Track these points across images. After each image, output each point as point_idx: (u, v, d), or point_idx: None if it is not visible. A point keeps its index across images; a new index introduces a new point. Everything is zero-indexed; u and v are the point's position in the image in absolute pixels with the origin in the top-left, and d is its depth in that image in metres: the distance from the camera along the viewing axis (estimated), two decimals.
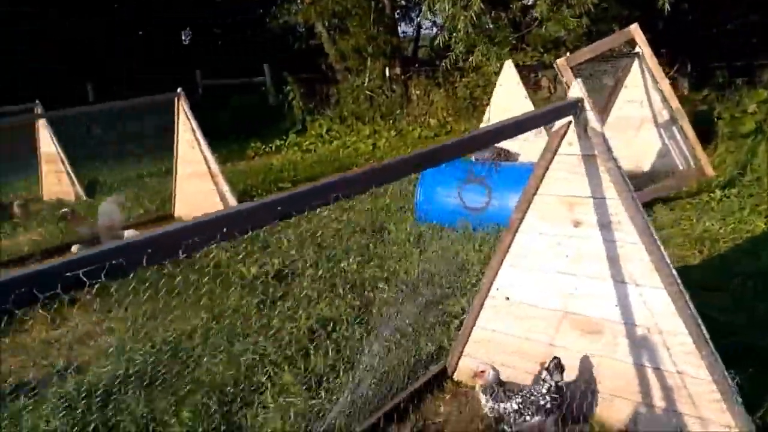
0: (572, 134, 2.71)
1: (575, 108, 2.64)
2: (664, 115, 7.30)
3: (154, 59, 19.49)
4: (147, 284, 4.53)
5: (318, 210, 6.66)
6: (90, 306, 4.70)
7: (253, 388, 3.41)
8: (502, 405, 2.78)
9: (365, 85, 14.81)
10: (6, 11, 16.00)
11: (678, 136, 7.25)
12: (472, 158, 6.15)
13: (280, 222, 1.58)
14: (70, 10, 17.41)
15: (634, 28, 6.65)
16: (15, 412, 3.37)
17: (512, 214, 3.02)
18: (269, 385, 3.40)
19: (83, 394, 3.43)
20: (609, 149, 2.64)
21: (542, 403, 2.74)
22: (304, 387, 3.31)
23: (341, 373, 3.33)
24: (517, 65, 12.47)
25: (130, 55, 19.16)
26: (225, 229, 1.43)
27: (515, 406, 2.76)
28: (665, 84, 6.83)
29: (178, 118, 7.22)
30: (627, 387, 2.81)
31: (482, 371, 2.85)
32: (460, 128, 11.72)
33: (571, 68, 6.35)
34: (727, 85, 10.17)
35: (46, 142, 9.24)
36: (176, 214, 7.71)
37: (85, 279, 1.15)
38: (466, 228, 5.48)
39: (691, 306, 2.56)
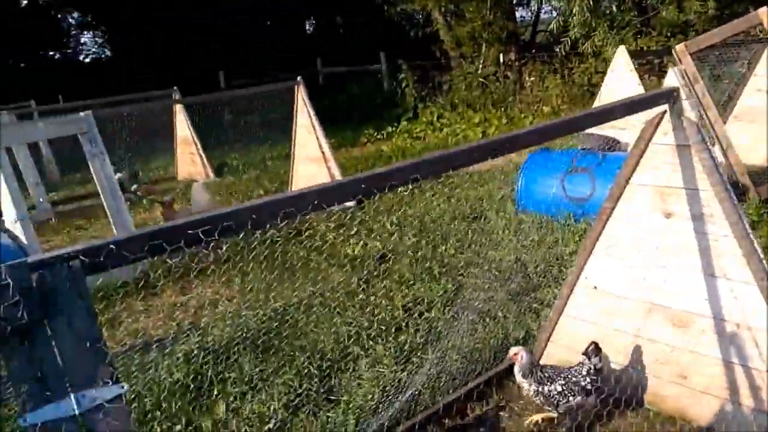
0: (667, 123, 2.68)
1: (670, 97, 2.62)
2: None
3: (280, 47, 20.59)
4: (263, 258, 4.98)
5: (423, 196, 6.89)
6: (213, 276, 5.24)
7: (349, 357, 3.71)
8: (546, 387, 2.86)
9: (478, 72, 14.75)
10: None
11: None
12: (578, 147, 6.05)
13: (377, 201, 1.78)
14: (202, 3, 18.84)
15: (763, 11, 6.15)
16: (144, 364, 3.90)
17: (604, 202, 3.04)
18: (363, 355, 3.68)
19: (203, 353, 3.90)
20: (704, 140, 2.59)
21: (583, 383, 2.84)
22: (394, 360, 3.55)
23: (429, 350, 3.52)
24: (641, 50, 11.93)
25: (257, 44, 20.40)
26: (316, 201, 1.65)
27: (559, 388, 2.85)
28: None
29: (296, 105, 7.70)
30: (714, 383, 2.76)
31: (515, 354, 2.92)
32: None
33: (691, 54, 6.04)
34: None
35: (182, 126, 10.19)
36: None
37: (202, 236, 1.42)
38: (567, 218, 5.44)
39: None
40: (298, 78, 7.71)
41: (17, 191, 5.39)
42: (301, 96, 7.62)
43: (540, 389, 2.87)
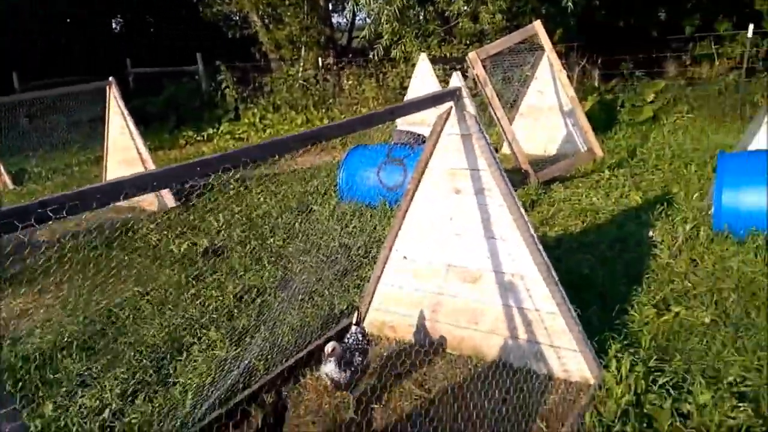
0: (453, 117, 3.22)
1: (454, 95, 3.16)
2: (567, 104, 8.03)
3: (84, 47, 19.08)
4: (80, 265, 4.82)
5: (250, 194, 7.01)
6: (22, 287, 4.94)
7: (182, 346, 3.81)
8: (356, 361, 3.03)
9: (299, 74, 15.12)
10: None
11: (584, 125, 7.98)
12: (392, 142, 6.65)
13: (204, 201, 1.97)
14: None
15: (537, 24, 7.29)
16: None
17: (408, 184, 3.53)
18: (197, 342, 3.81)
19: (19, 362, 3.74)
20: (481, 130, 3.17)
21: (365, 345, 3.14)
22: (228, 343, 3.73)
23: (262, 328, 3.77)
24: (444, 57, 13.14)
25: (58, 44, 18.71)
26: (155, 184, 1.82)
27: (359, 357, 3.05)
28: (563, 76, 7.52)
29: (109, 106, 7.39)
30: (498, 325, 3.38)
31: (333, 348, 2.98)
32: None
33: (482, 60, 6.94)
34: (630, 76, 11.10)
35: None
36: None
37: (51, 214, 1.54)
38: (383, 205, 5.99)
39: (545, 256, 3.14)
40: (110, 78, 7.41)
41: None
42: (114, 96, 7.34)
43: (353, 369, 3.01)
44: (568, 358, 3.21)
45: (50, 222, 1.57)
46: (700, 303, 3.79)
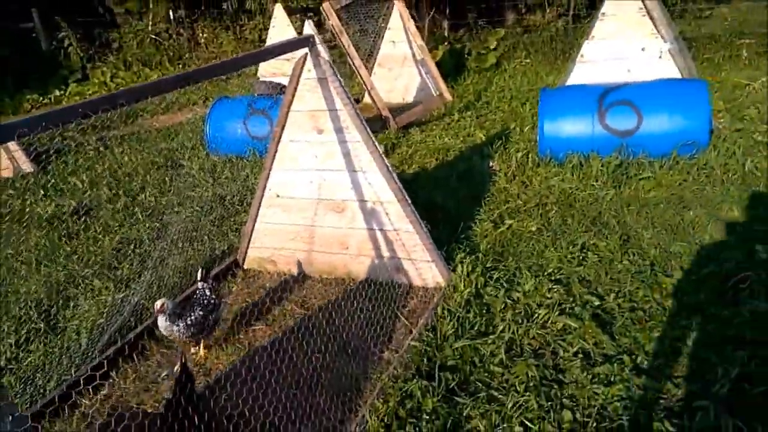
0: (309, 63, 3.58)
1: (308, 42, 3.51)
2: (419, 53, 8.62)
3: None
4: None
5: (112, 153, 6.93)
6: None
7: (67, 298, 3.94)
8: (192, 317, 3.13)
9: (149, 28, 14.45)
10: None
11: (434, 71, 8.62)
12: (255, 94, 6.86)
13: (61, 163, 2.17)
14: None
15: None
16: None
17: (275, 127, 3.87)
18: (81, 292, 3.96)
19: None
20: (335, 73, 3.57)
21: (213, 300, 3.25)
22: (114, 289, 3.92)
23: (146, 274, 3.99)
24: (301, 7, 13.22)
25: None
26: (44, 123, 2.01)
27: (201, 312, 3.16)
28: (411, 25, 8.07)
29: None
30: (364, 247, 3.89)
31: (162, 304, 3.06)
32: (252, 71, 12.23)
33: (336, 11, 7.28)
34: (475, 25, 11.97)
35: None
36: None
37: None
38: (254, 154, 6.25)
39: (399, 183, 3.67)
40: None
41: None
42: None
43: (189, 322, 3.11)
44: (423, 268, 3.80)
45: None
46: (528, 216, 4.57)
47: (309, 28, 4.40)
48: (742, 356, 2.81)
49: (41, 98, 12.17)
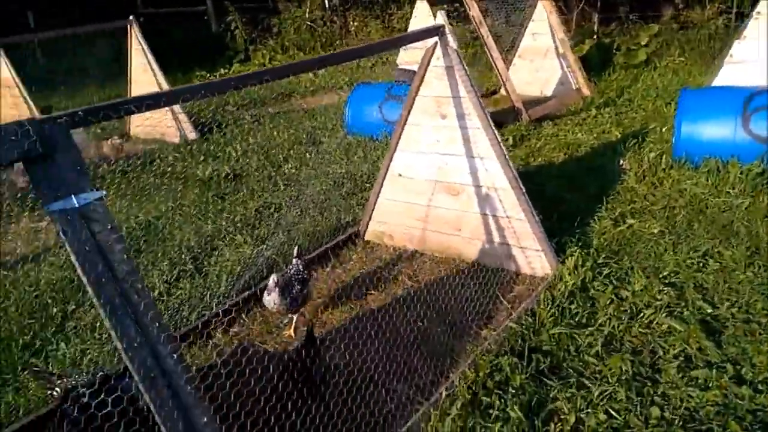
0: (438, 51, 3.79)
1: (438, 31, 3.72)
2: (560, 46, 8.47)
3: None
4: (116, 185, 5.50)
5: (263, 128, 7.62)
6: None
7: (214, 248, 4.53)
8: (294, 290, 3.36)
9: (306, 15, 15.42)
10: None
11: (573, 65, 8.44)
12: (394, 81, 7.20)
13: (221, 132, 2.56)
14: None
15: None
16: (16, 279, 4.37)
17: (402, 111, 4.14)
18: (225, 245, 4.52)
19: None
20: (461, 62, 3.74)
21: (305, 276, 3.47)
22: (253, 244, 4.44)
23: (280, 233, 4.46)
24: None
25: None
26: (203, 91, 2.41)
27: (298, 285, 3.38)
28: (553, 17, 7.95)
29: (130, 44, 7.92)
30: (477, 231, 4.05)
31: (275, 280, 3.29)
32: (393, 59, 12.66)
33: (478, 2, 7.39)
34: (626, 20, 11.41)
35: (2, 68, 9.68)
36: (132, 133, 8.53)
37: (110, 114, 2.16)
38: (386, 137, 6.59)
39: (514, 171, 3.78)
40: (130, 17, 7.91)
41: None
42: (135, 35, 7.86)
43: (292, 296, 3.33)
44: (532, 257, 3.89)
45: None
46: (652, 217, 4.44)
47: (441, 18, 4.42)
48: None
49: (208, 75, 13.49)
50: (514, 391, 2.77)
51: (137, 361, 1.91)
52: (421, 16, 8.93)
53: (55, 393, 2.48)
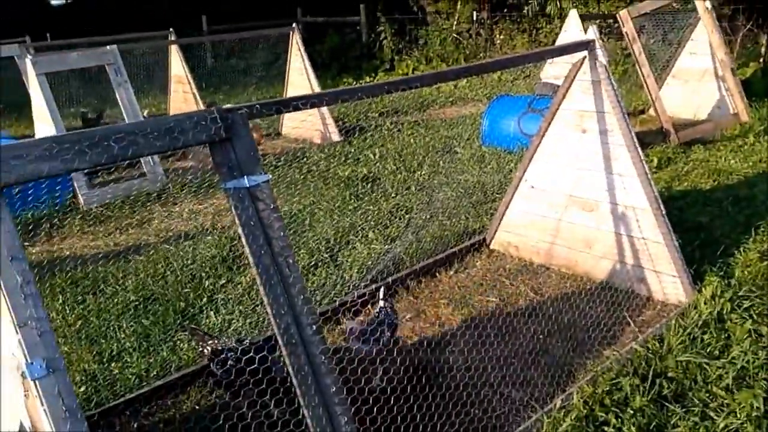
0: (586, 65, 3.78)
1: (588, 45, 3.72)
2: (720, 67, 7.93)
3: None
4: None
5: (401, 135, 7.92)
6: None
7: (348, 242, 4.84)
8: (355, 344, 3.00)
9: (453, 28, 15.68)
10: None
11: (732, 87, 7.86)
12: (534, 93, 7.18)
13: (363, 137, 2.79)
14: None
15: None
16: (177, 253, 4.94)
17: (542, 123, 4.17)
18: (359, 240, 4.82)
19: (227, 241, 4.99)
20: (609, 77, 3.71)
21: (389, 322, 3.10)
22: (384, 242, 4.69)
23: (409, 234, 4.67)
24: (598, 14, 13.01)
25: None
26: (294, 105, 2.64)
27: (388, 332, 3.03)
28: (714, 37, 7.46)
29: (290, 49, 8.60)
30: (609, 250, 3.97)
31: (351, 328, 3.07)
32: (536, 72, 12.50)
33: (632, 18, 7.16)
34: None
35: (177, 65, 10.92)
36: (283, 131, 9.25)
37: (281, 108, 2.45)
38: (521, 150, 6.60)
39: (656, 191, 3.67)
40: (293, 24, 8.60)
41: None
42: (296, 41, 8.52)
43: (382, 343, 2.97)
44: (666, 282, 3.75)
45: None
46: None
47: (592, 32, 4.38)
48: None
49: (354, 83, 14.18)
50: (632, 411, 2.72)
51: (282, 326, 2.16)
52: (572, 30, 8.79)
53: (205, 351, 2.85)
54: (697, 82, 8.50)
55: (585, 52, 3.74)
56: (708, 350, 3.13)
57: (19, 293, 1.72)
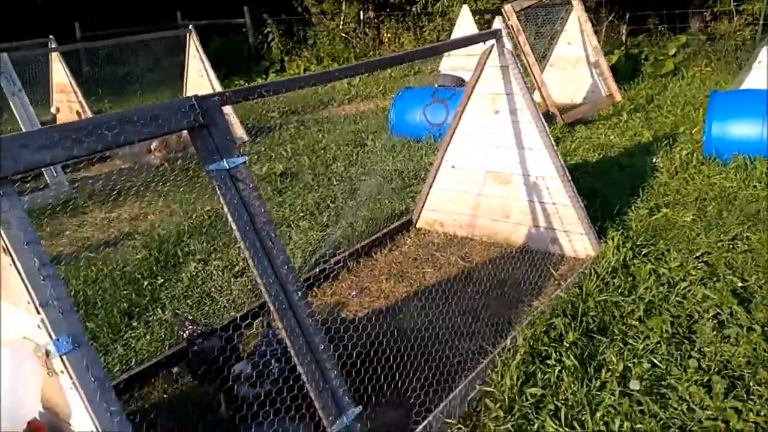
0: (495, 52, 4.23)
1: (496, 34, 4.16)
2: (593, 54, 8.87)
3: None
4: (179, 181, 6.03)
5: (309, 132, 8.09)
6: (132, 199, 6.20)
7: (281, 233, 4.98)
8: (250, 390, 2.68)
9: (340, 27, 16.02)
10: None
11: (605, 72, 8.81)
12: (436, 85, 7.67)
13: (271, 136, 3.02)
14: None
15: None
16: (99, 258, 4.86)
17: (458, 106, 4.57)
18: (292, 230, 4.99)
19: (155, 242, 4.96)
20: (516, 62, 4.18)
21: (275, 353, 2.74)
22: (318, 229, 4.90)
23: (342, 221, 4.91)
24: (480, 10, 13.91)
25: None
26: (259, 92, 2.85)
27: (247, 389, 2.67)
28: (588, 26, 8.36)
29: (188, 52, 8.49)
30: (524, 217, 4.45)
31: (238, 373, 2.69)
32: (427, 68, 13.13)
33: (516, 12, 7.84)
34: (656, 31, 11.77)
35: (60, 74, 10.34)
36: (183, 136, 9.09)
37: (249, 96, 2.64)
38: (429, 138, 7.04)
39: (561, 161, 4.19)
40: (190, 26, 8.50)
41: None
42: (194, 42, 8.43)
43: (273, 378, 2.67)
44: (576, 240, 4.29)
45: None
46: (684, 208, 4.82)
47: (498, 23, 4.94)
48: None
49: (245, 84, 14.11)
50: (567, 345, 3.16)
51: (272, 293, 2.35)
52: (465, 26, 9.41)
53: (184, 335, 2.94)
54: (572, 69, 9.43)
55: (494, 41, 4.17)
56: (619, 290, 3.67)
57: (38, 275, 1.80)
